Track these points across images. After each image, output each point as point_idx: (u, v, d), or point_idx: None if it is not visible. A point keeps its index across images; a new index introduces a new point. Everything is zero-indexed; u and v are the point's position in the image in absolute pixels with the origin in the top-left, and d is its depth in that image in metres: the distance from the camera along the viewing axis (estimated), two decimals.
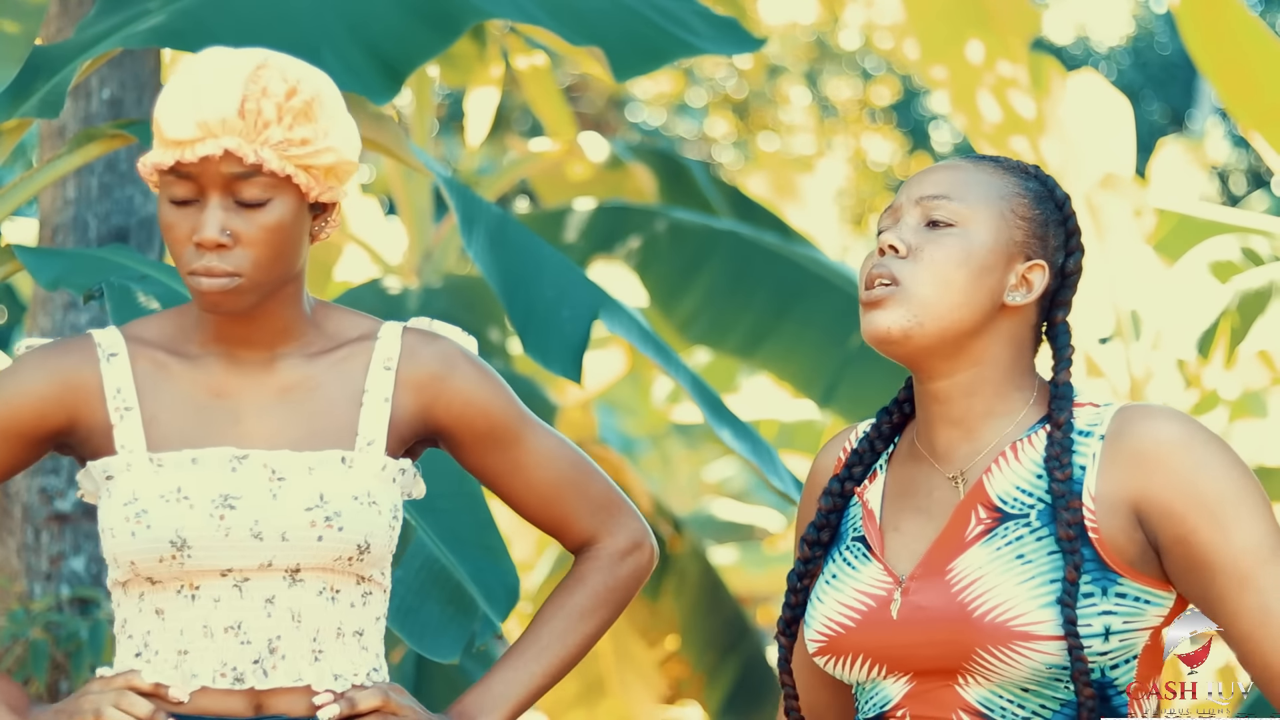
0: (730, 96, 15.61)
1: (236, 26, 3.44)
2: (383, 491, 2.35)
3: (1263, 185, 17.59)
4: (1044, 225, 2.32)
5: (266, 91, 2.27)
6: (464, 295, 5.73)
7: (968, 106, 6.75)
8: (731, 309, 5.93)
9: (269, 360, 2.37)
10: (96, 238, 4.28)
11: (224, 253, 2.28)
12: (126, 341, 2.38)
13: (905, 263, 2.28)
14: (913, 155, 17.17)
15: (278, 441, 2.34)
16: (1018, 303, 2.29)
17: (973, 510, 2.26)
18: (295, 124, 2.28)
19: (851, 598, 2.30)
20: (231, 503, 2.30)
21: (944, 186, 2.31)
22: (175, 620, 2.32)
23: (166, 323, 2.41)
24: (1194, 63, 6.40)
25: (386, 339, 2.40)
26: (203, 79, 2.28)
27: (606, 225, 6.14)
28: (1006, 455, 2.28)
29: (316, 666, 2.32)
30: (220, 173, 2.27)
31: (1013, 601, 2.19)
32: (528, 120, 13.27)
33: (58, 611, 4.21)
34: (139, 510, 2.29)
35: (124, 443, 2.33)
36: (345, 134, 2.34)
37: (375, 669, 2.37)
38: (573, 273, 3.83)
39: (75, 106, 4.27)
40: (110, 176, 4.32)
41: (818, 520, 2.37)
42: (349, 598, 2.35)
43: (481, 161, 9.91)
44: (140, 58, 4.31)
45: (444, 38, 3.60)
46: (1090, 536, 2.22)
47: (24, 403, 2.35)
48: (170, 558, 2.29)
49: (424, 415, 2.40)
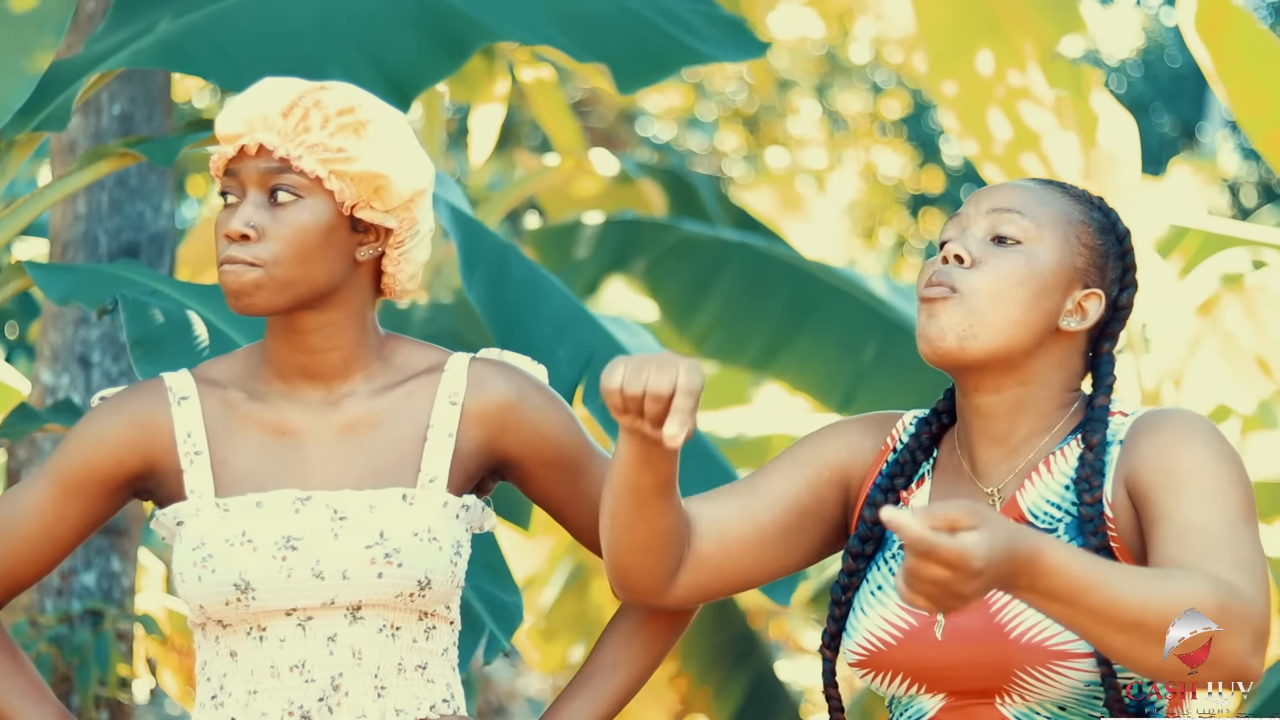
0: (740, 110, 15.61)
1: (245, 45, 3.45)
2: (444, 528, 2.35)
3: (1274, 198, 17.57)
4: (1104, 256, 2.31)
5: (319, 104, 2.32)
6: (473, 311, 5.73)
7: (978, 122, 6.75)
8: (747, 322, 5.92)
9: (333, 398, 2.38)
10: (107, 253, 4.29)
11: (247, 245, 2.31)
12: (197, 384, 2.41)
13: (968, 272, 2.26)
14: (923, 169, 17.16)
15: (341, 480, 2.35)
16: (1072, 328, 2.29)
17: None
18: (338, 134, 2.32)
19: (894, 613, 2.29)
20: (294, 544, 2.31)
21: (1015, 201, 2.29)
22: (246, 661, 2.34)
23: (236, 362, 2.43)
24: (1204, 76, 6.39)
25: (453, 371, 2.41)
26: (266, 85, 2.35)
27: (617, 240, 6.14)
28: (1039, 470, 2.28)
29: (379, 703, 2.33)
30: (256, 168, 2.31)
31: (1047, 620, 2.18)
32: (537, 135, 13.28)
33: (67, 625, 4.21)
34: (205, 555, 2.32)
35: (193, 488, 2.36)
36: (396, 160, 2.34)
37: (446, 700, 2.38)
38: (573, 309, 3.82)
39: (86, 122, 4.28)
40: (121, 192, 4.32)
41: (861, 531, 2.35)
42: (410, 634, 2.36)
43: (490, 177, 9.91)
44: (151, 73, 4.32)
45: (453, 59, 3.60)
46: (1113, 548, 2.21)
47: (101, 449, 2.38)
48: (236, 600, 2.31)
49: (491, 446, 2.40)
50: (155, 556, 5.44)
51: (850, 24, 15.25)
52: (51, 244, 4.40)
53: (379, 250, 2.38)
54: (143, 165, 4.29)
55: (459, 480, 2.38)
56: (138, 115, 4.31)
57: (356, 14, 3.60)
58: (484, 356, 2.44)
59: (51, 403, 4.18)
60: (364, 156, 2.32)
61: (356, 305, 2.38)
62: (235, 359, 2.44)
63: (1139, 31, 19.98)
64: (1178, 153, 18.86)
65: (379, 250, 2.38)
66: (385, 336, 2.44)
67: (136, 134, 4.22)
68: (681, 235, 5.98)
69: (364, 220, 2.35)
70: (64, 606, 4.25)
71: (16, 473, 4.33)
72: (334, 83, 2.36)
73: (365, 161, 2.32)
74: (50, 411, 3.84)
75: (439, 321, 5.52)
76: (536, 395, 2.42)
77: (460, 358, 2.42)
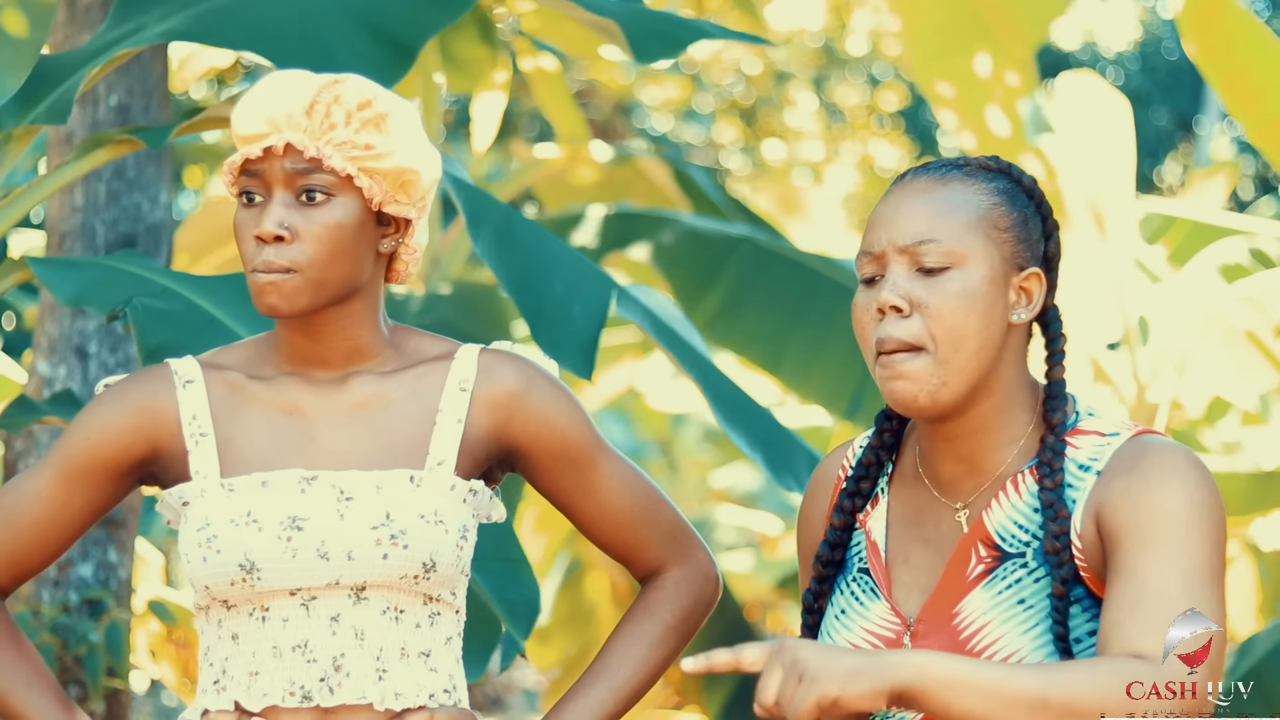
0: (738, 102, 15.61)
1: (243, 24, 3.44)
2: (451, 511, 2.36)
3: (1270, 190, 17.58)
4: (1024, 224, 2.25)
5: (339, 99, 2.32)
6: (471, 301, 5.73)
7: (974, 121, 6.76)
8: (750, 319, 5.89)
9: (342, 378, 2.39)
10: (104, 244, 4.29)
11: (281, 247, 2.30)
12: (202, 368, 2.41)
13: (912, 322, 2.20)
14: (920, 161, 17.17)
15: (348, 460, 2.36)
16: (1023, 319, 2.24)
17: (973, 548, 2.23)
18: (362, 130, 2.32)
19: (860, 638, 2.27)
20: (299, 524, 2.32)
21: (924, 229, 2.21)
22: (249, 643, 2.35)
23: (245, 348, 2.44)
24: (1198, 69, 6.40)
25: (463, 360, 2.41)
26: (279, 83, 2.34)
27: (618, 233, 6.12)
28: (1007, 489, 2.24)
29: (380, 685, 2.34)
30: (283, 168, 2.31)
31: (1021, 652, 2.17)
32: (535, 126, 13.28)
33: (66, 615, 4.21)
34: (210, 535, 2.32)
35: (199, 469, 2.36)
36: (417, 151, 2.36)
37: (447, 690, 2.38)
38: (584, 266, 3.80)
39: (83, 113, 4.28)
40: (118, 183, 4.32)
41: (831, 538, 2.33)
42: (414, 618, 2.36)
43: (488, 168, 9.91)
44: (148, 65, 4.32)
45: (451, 10, 3.57)
46: (1082, 576, 2.18)
47: (105, 436, 2.38)
48: (241, 580, 2.32)
49: (499, 435, 2.41)
50: (154, 547, 5.45)
51: (847, 17, 15.25)
52: (49, 235, 4.39)
53: (399, 241, 2.39)
54: (140, 156, 4.29)
55: (466, 466, 2.39)
56: (135, 106, 4.31)
57: None
58: (494, 348, 2.45)
59: (49, 394, 4.18)
60: (393, 152, 2.33)
61: (373, 296, 2.39)
62: (244, 345, 2.45)
63: (1136, 24, 19.98)
64: (1175, 146, 18.87)
65: (399, 241, 2.39)
66: (394, 327, 2.45)
67: (134, 125, 4.21)
68: (685, 229, 5.96)
69: (388, 214, 2.36)
70: (61, 598, 4.25)
71: (14, 464, 4.33)
72: (343, 75, 2.37)
73: (394, 158, 2.33)
74: (48, 403, 3.84)
75: (438, 313, 5.51)
76: (546, 386, 2.43)
77: (470, 348, 2.43)
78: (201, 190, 11.90)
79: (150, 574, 5.28)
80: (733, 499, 10.98)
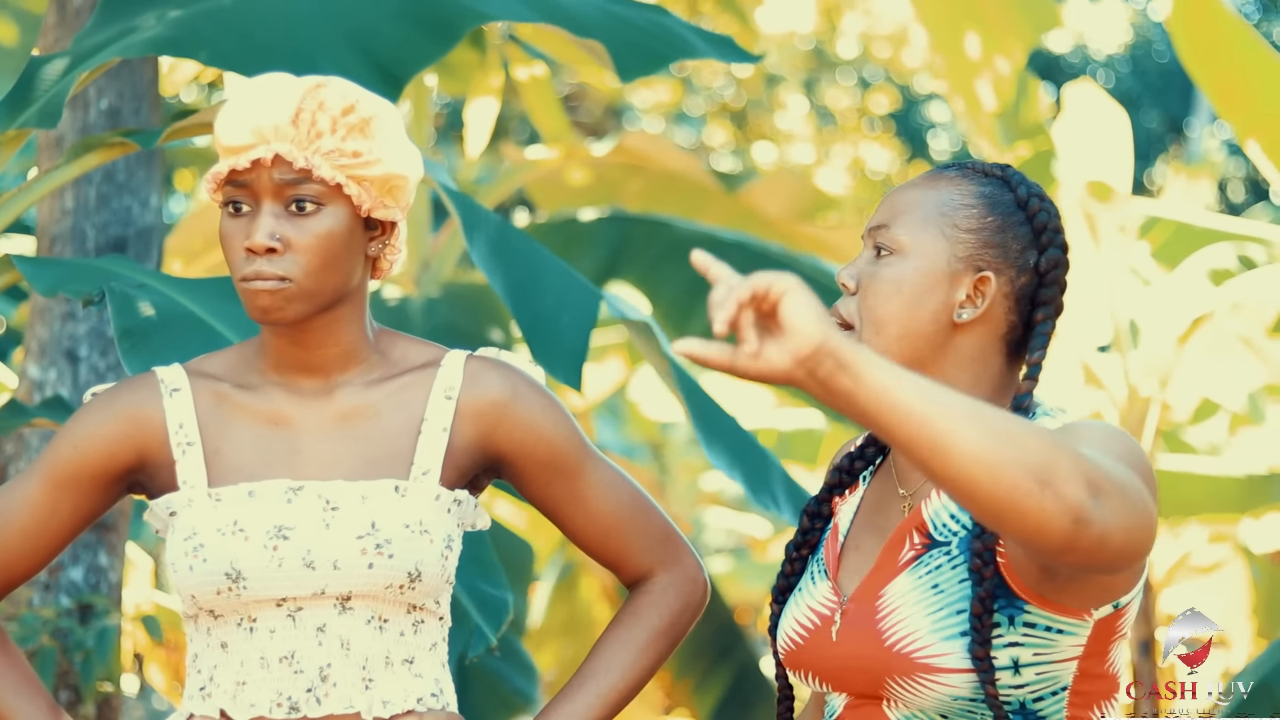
0: (728, 105, 15.62)
1: (233, 37, 3.45)
2: (435, 521, 2.36)
3: (1261, 193, 17.60)
4: (999, 231, 2.26)
5: (323, 105, 2.31)
6: (462, 304, 5.74)
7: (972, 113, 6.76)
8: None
9: (328, 388, 2.39)
10: (94, 248, 4.28)
11: (273, 258, 2.30)
12: (189, 376, 2.41)
13: (854, 300, 2.27)
14: (911, 163, 17.18)
15: (334, 470, 2.36)
16: (965, 319, 2.24)
17: (909, 534, 2.26)
18: (349, 137, 2.32)
19: (804, 614, 2.30)
20: (285, 534, 2.32)
21: (885, 213, 2.28)
22: (237, 653, 2.35)
23: (230, 355, 2.44)
24: (1188, 72, 6.41)
25: (449, 367, 2.41)
26: (261, 91, 2.33)
27: (610, 240, 6.12)
28: None
29: (367, 694, 2.34)
30: (272, 179, 2.30)
31: (919, 633, 2.18)
32: (525, 130, 13.27)
33: (59, 620, 4.20)
34: (197, 545, 2.33)
35: (186, 478, 2.37)
36: (403, 155, 2.36)
37: (434, 694, 2.39)
38: (571, 279, 3.83)
39: (73, 117, 4.27)
40: (108, 187, 4.31)
41: (796, 536, 2.37)
42: (398, 626, 2.36)
43: (479, 171, 9.91)
44: (138, 68, 4.31)
45: (443, 43, 3.58)
46: (999, 562, 2.17)
47: (93, 444, 2.39)
48: (227, 589, 2.32)
49: (484, 443, 2.41)
50: (144, 551, 5.44)
51: (838, 19, 15.26)
52: (39, 239, 4.38)
53: (386, 243, 2.39)
54: (130, 160, 4.28)
55: (451, 475, 2.39)
56: (125, 110, 4.30)
57: (344, 1, 3.59)
58: (481, 354, 2.45)
59: (40, 398, 4.18)
60: (380, 160, 2.33)
61: (360, 298, 2.40)
62: (230, 353, 2.45)
63: (1127, 27, 20.01)
64: (1165, 149, 18.89)
65: (386, 243, 2.39)
66: (380, 331, 2.45)
67: (124, 128, 4.20)
68: (677, 234, 5.96)
69: (376, 218, 2.36)
70: (52, 602, 4.25)
71: (4, 468, 4.32)
72: (324, 78, 2.36)
73: (382, 165, 2.33)
74: (38, 407, 3.84)
75: (430, 315, 5.51)
76: (531, 394, 2.43)
77: (456, 354, 2.43)
78: (192, 194, 11.89)
79: (140, 578, 5.27)
80: (723, 502, 10.98)
